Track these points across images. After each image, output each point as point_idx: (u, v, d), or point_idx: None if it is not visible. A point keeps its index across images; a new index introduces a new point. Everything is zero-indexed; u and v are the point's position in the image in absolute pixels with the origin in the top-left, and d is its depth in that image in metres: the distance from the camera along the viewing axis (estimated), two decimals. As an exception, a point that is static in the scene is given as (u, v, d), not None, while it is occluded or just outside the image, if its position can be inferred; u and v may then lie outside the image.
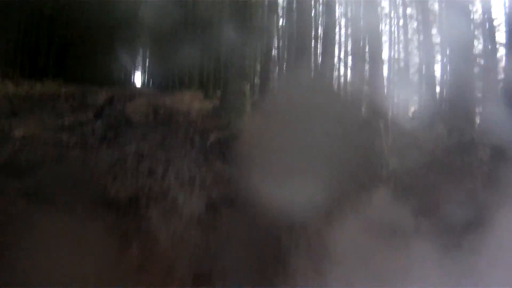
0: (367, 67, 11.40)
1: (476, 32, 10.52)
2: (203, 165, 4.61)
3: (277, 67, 10.98)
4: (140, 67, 13.17)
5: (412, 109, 14.04)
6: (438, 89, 12.09)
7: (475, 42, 10.54)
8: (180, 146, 5.27)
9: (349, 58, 11.95)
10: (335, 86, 11.46)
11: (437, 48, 12.24)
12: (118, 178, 3.54)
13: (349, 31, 12.04)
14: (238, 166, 4.63)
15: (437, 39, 12.60)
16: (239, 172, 4.45)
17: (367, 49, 11.99)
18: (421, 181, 5.82)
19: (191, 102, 8.90)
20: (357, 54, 11.50)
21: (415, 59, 13.82)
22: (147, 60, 13.11)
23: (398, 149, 6.63)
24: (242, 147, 5.41)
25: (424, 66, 13.01)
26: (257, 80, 10.46)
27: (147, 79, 12.87)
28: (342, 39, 12.26)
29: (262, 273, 2.10)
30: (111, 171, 3.75)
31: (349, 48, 12.16)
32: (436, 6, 12.21)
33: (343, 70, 11.86)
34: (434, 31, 12.49)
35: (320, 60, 11.14)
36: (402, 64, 13.74)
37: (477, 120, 9.77)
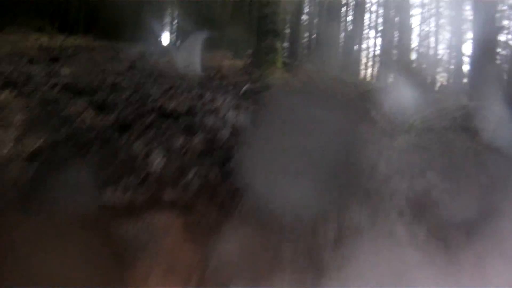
0: (396, 35, 11.31)
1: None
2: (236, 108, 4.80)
3: (308, 32, 10.98)
4: (168, 28, 13.27)
5: (438, 83, 13.93)
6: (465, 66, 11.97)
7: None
8: (217, 89, 5.44)
9: (379, 25, 11.87)
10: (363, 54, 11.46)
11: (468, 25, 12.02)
12: (172, 99, 3.79)
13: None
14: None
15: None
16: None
17: (397, 19, 11.85)
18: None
19: (221, 60, 9.02)
20: (387, 21, 11.41)
21: (446, 34, 13.56)
22: (176, 20, 13.19)
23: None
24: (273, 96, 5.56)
25: (453, 41, 12.79)
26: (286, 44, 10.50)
27: (175, 40, 12.99)
28: (373, 7, 12.14)
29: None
30: (166, 95, 3.99)
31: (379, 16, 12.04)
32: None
33: (373, 37, 11.80)
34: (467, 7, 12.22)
35: (350, 27, 11.09)
36: (431, 37, 13.52)
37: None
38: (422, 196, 2.77)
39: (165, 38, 13.32)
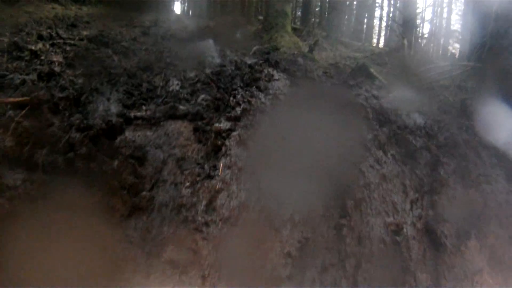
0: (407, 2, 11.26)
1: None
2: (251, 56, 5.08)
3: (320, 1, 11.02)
4: (179, -2, 13.37)
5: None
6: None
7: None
8: (228, 48, 5.71)
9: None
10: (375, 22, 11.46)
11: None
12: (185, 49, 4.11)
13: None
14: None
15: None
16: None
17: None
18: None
19: (233, 25, 9.18)
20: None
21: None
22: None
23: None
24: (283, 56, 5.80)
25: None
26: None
27: (187, 9, 13.12)
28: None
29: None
30: (180, 48, 4.30)
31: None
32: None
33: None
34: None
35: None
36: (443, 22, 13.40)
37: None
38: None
39: (177, 7, 13.45)
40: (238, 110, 3.14)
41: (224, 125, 3.03)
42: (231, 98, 3.09)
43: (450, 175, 4.10)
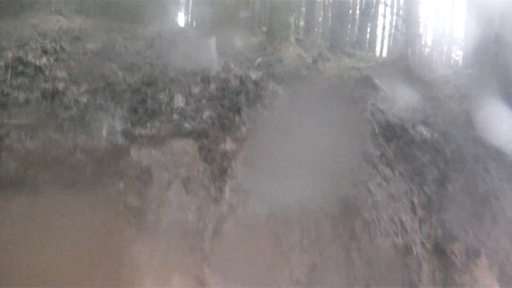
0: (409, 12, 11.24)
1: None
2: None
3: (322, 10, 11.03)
4: (183, 8, 13.41)
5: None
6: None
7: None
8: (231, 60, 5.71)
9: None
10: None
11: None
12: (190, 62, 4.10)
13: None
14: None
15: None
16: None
17: None
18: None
19: (238, 37, 9.18)
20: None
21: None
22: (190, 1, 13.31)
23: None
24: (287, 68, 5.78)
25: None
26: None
27: (190, 20, 13.15)
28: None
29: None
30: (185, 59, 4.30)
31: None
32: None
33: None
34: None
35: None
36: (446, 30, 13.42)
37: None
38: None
39: (181, 19, 13.48)
40: (244, 129, 3.11)
41: (229, 146, 3.01)
42: (236, 117, 3.06)
43: (458, 191, 4.04)
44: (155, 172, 3.03)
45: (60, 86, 3.31)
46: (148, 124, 3.29)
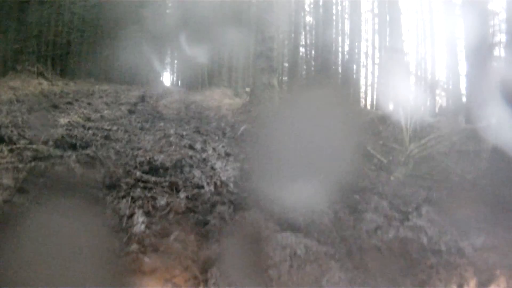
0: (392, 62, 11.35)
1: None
2: (235, 147, 4.79)
3: (305, 65, 11.07)
4: (168, 68, 13.47)
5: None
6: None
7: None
8: (213, 133, 5.44)
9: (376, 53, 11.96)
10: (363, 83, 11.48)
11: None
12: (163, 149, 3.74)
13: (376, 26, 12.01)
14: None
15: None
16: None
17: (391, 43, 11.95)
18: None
19: (221, 99, 9.06)
20: (384, 49, 11.50)
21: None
22: (176, 60, 13.40)
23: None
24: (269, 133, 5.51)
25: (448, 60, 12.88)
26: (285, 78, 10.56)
27: (176, 79, 13.17)
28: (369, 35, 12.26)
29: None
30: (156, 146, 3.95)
31: (376, 43, 12.15)
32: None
33: (371, 66, 11.85)
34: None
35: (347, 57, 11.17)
36: (428, 61, 13.63)
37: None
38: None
39: (166, 79, 13.50)
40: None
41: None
42: (212, 243, 2.22)
43: None
44: None
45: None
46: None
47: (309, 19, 11.21)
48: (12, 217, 2.54)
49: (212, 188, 2.88)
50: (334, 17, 10.95)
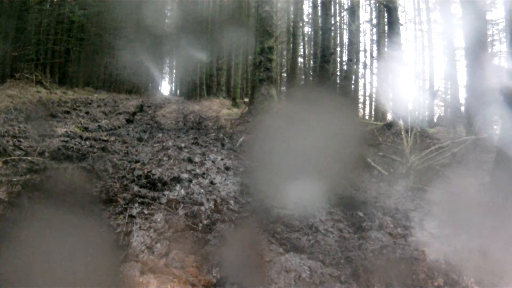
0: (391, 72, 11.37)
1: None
2: (235, 159, 4.71)
3: (303, 75, 11.06)
4: (167, 77, 13.44)
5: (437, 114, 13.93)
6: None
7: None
8: (212, 145, 5.37)
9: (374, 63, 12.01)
10: (361, 94, 11.49)
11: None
12: (161, 163, 3.66)
13: (375, 37, 12.07)
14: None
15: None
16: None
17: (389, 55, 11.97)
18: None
19: (219, 109, 9.01)
20: (383, 59, 11.52)
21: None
22: (174, 70, 13.38)
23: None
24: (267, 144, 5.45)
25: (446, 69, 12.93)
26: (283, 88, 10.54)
27: (174, 88, 13.13)
28: (367, 45, 12.34)
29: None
30: (154, 159, 3.86)
31: (374, 53, 12.21)
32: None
33: (369, 76, 11.88)
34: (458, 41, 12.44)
35: (345, 67, 11.19)
36: (427, 71, 13.65)
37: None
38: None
39: (165, 88, 13.47)
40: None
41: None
42: (213, 266, 2.09)
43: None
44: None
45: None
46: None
47: (307, 29, 11.25)
48: (5, 232, 2.46)
49: (212, 205, 2.81)
50: (332, 28, 10.98)
